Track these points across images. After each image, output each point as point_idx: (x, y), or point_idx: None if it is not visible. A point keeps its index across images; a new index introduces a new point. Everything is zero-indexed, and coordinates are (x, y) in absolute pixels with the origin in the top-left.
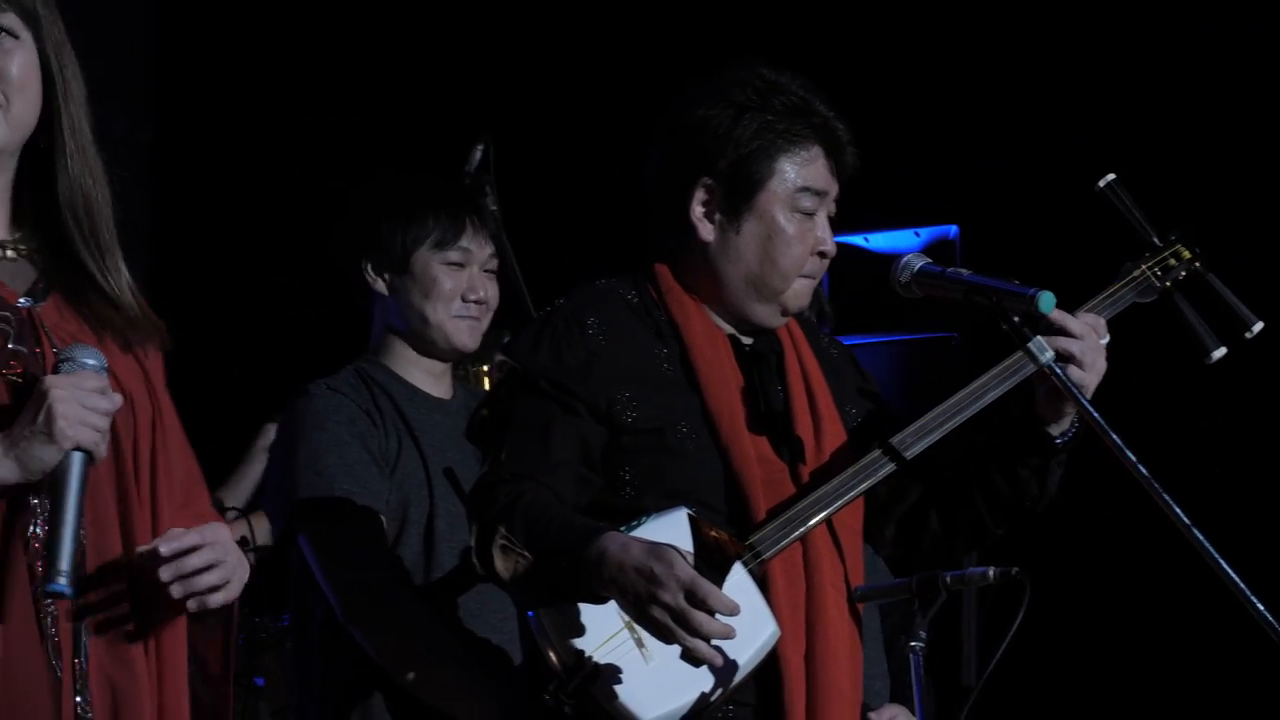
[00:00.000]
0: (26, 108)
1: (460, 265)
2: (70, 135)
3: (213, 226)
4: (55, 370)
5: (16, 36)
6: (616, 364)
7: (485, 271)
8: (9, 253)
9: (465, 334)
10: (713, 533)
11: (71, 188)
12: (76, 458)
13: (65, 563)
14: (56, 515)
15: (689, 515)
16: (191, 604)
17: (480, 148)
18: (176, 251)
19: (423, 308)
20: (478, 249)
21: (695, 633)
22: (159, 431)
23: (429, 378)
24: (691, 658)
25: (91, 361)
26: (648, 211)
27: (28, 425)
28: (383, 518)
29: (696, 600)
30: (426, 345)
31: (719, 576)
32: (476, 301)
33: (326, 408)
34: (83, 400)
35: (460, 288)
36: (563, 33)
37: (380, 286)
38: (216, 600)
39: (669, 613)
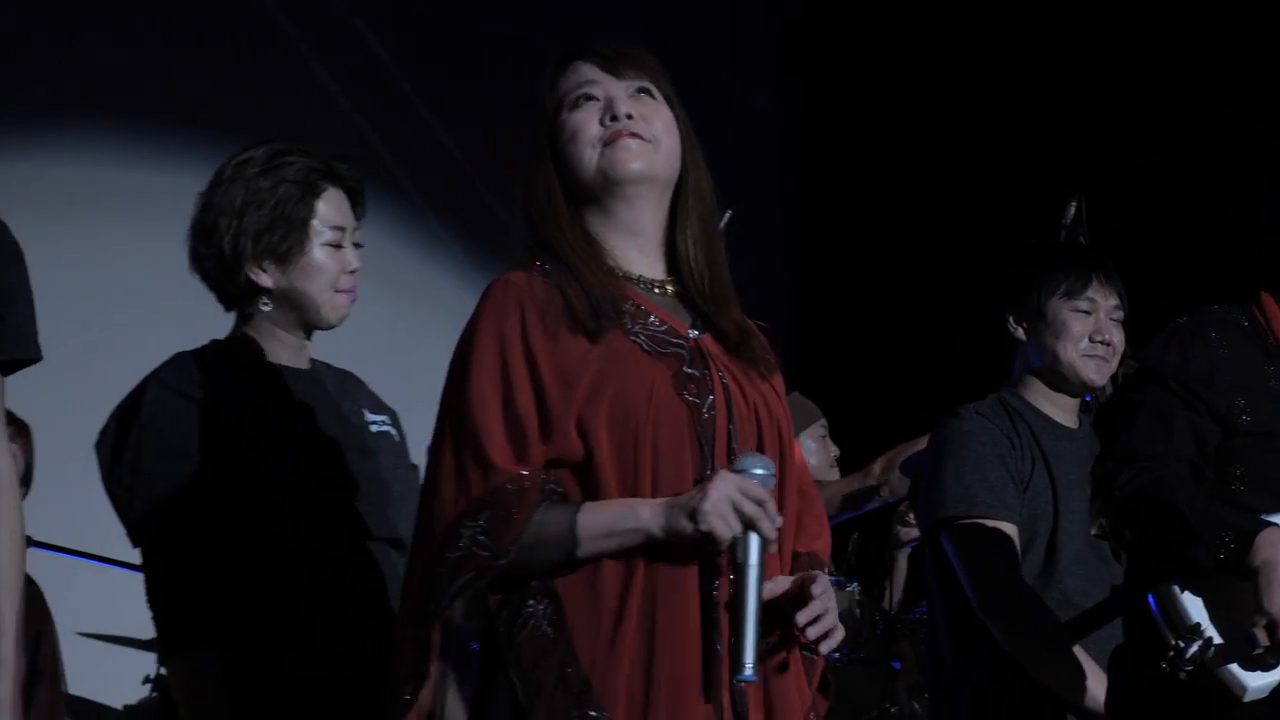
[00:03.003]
0: (674, 152)
1: (1087, 312)
2: (695, 198)
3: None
4: (731, 468)
5: (654, 97)
6: (1232, 375)
7: (1113, 320)
8: (669, 289)
9: (1092, 370)
10: None
11: (690, 246)
12: (753, 541)
13: (749, 656)
14: (739, 605)
15: None
16: (823, 646)
17: (1074, 204)
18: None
19: (1055, 347)
20: (1103, 299)
21: None
22: (790, 455)
23: (1060, 410)
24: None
25: (759, 471)
26: (1259, 246)
27: (689, 498)
28: (1015, 528)
29: None
30: (1058, 380)
31: None
32: (1103, 342)
33: (974, 429)
34: (734, 499)
35: (1088, 330)
36: (1152, 88)
37: (1020, 334)
38: (826, 647)
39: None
